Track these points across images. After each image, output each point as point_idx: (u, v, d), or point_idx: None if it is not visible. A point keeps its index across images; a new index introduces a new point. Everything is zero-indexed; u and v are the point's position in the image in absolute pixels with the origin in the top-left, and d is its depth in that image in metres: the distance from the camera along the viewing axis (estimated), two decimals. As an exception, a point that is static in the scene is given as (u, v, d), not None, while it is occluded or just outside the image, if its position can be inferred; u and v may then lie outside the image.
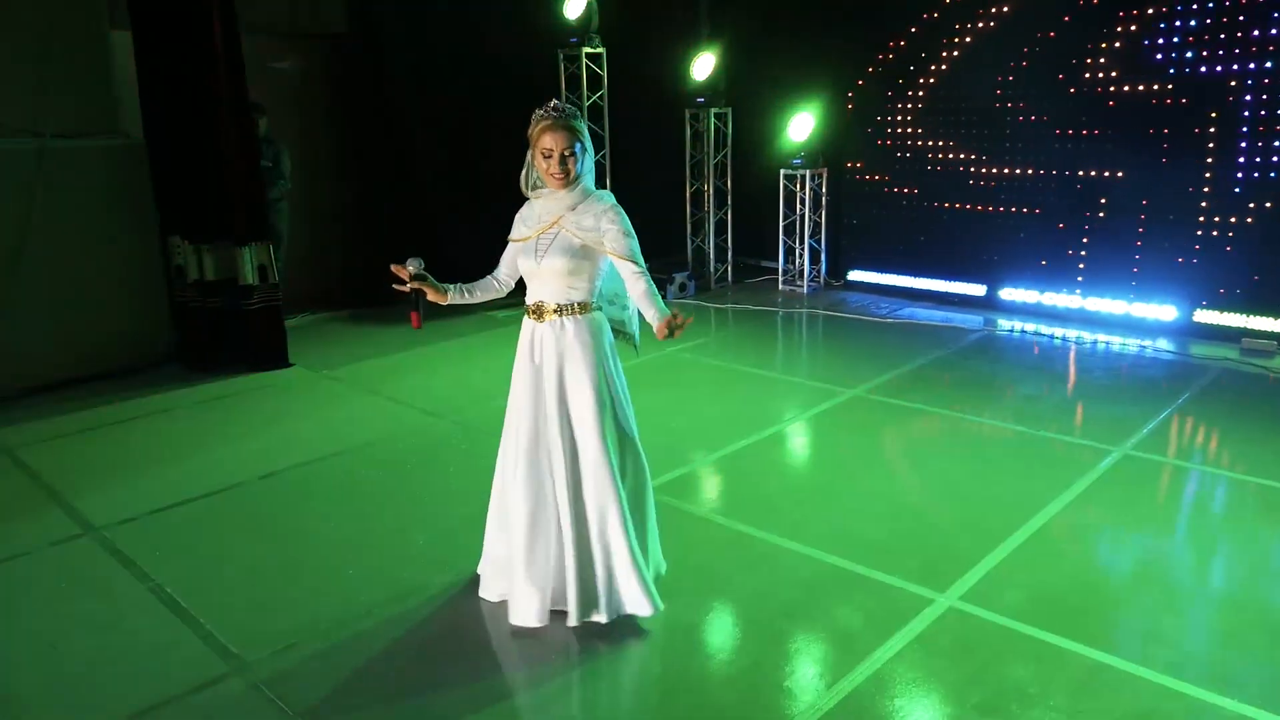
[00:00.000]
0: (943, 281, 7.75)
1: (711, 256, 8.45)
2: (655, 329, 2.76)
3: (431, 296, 3.03)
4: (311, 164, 7.85)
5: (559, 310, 2.94)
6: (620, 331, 3.15)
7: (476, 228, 7.89)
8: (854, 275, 8.29)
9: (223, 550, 3.83)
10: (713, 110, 8.14)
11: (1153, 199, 6.60)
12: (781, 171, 8.08)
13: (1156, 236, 6.64)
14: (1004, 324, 7.06)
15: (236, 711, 2.77)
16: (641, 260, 2.86)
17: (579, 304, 2.94)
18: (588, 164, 2.92)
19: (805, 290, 8.17)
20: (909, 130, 7.77)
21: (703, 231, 8.49)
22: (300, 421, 5.36)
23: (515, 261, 3.04)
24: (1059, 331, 6.83)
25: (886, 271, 8.09)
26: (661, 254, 8.53)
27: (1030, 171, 7.14)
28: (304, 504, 4.26)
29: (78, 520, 4.11)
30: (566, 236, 2.87)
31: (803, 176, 8.00)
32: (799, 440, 5.01)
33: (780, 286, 8.32)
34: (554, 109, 2.83)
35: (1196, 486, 4.25)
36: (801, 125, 7.93)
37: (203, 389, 5.95)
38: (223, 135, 5.93)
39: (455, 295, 3.08)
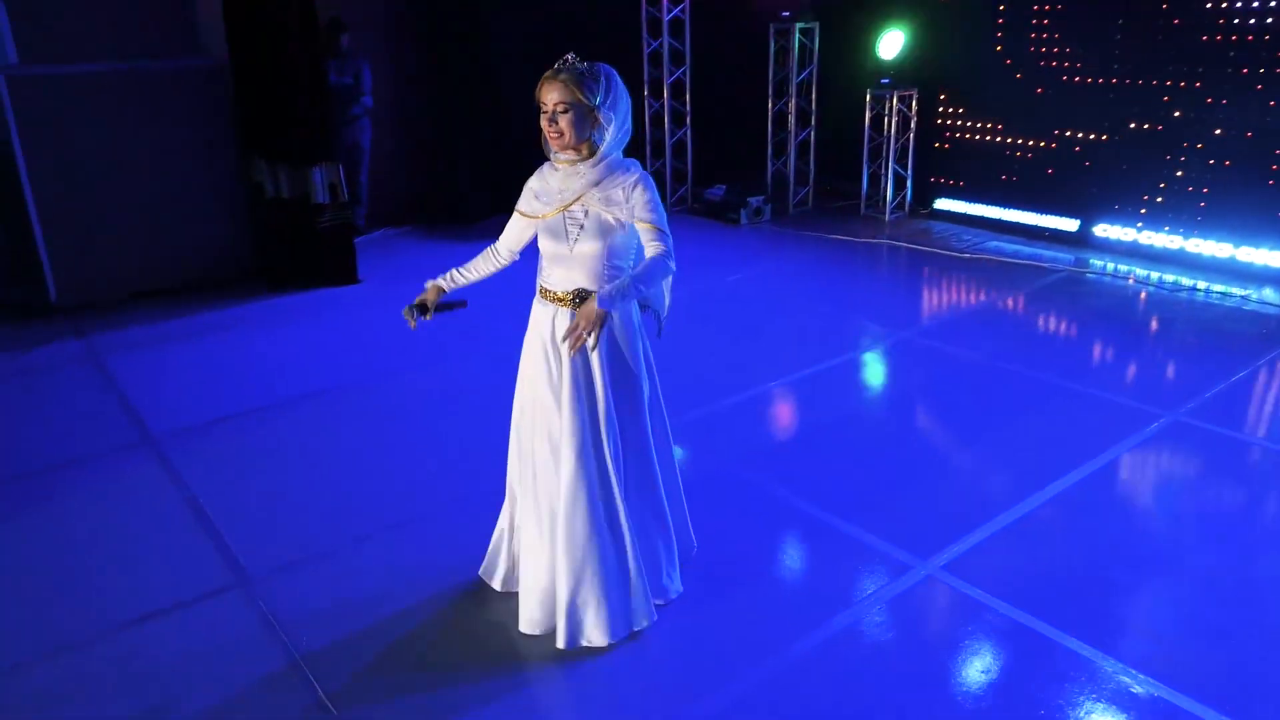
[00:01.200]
0: (1034, 214, 7.29)
1: (792, 180, 8.18)
2: (587, 305, 2.50)
3: (431, 297, 2.85)
4: (396, 80, 7.98)
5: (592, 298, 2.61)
6: (646, 306, 2.90)
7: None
8: (941, 204, 7.88)
9: (262, 465, 4.13)
10: (798, 26, 7.76)
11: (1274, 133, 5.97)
12: (868, 92, 7.68)
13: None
14: (1096, 263, 6.62)
15: (233, 623, 3.04)
16: (666, 227, 2.57)
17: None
18: (611, 135, 2.59)
19: (887, 218, 7.85)
20: (1006, 49, 7.22)
21: (784, 154, 8.21)
22: (362, 338, 5.61)
23: (521, 235, 2.81)
24: (1153, 274, 6.36)
25: (975, 201, 7.66)
26: (741, 177, 8.33)
27: (1140, 95, 6.54)
28: (352, 423, 4.50)
29: (139, 427, 4.50)
30: (599, 215, 2.58)
31: (890, 98, 7.58)
32: (824, 383, 4.87)
33: (862, 213, 8.01)
34: (563, 60, 2.56)
35: (1246, 466, 3.93)
36: (891, 43, 7.48)
37: (275, 303, 6.29)
38: (290, 56, 6.09)
39: (451, 281, 2.88)
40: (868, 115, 7.73)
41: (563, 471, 2.70)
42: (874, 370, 5.10)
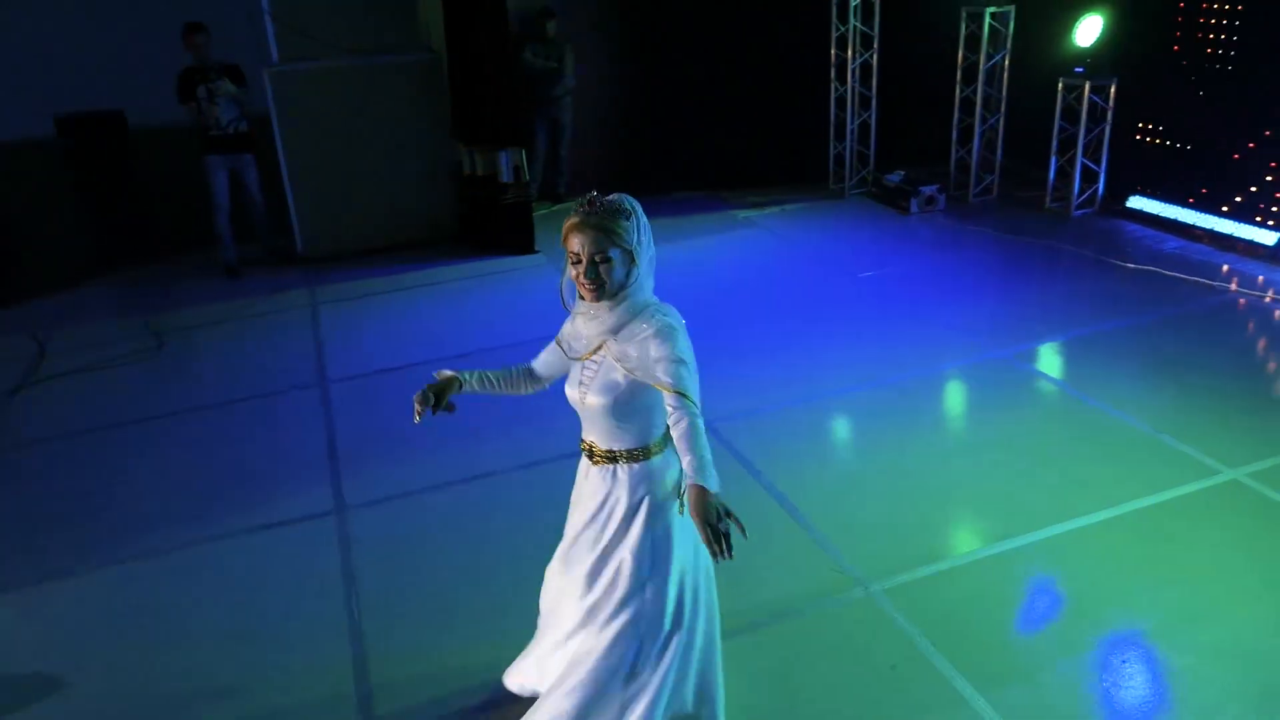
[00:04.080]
0: (1230, 223, 6.66)
1: (974, 169, 7.98)
2: (689, 500, 2.14)
3: (450, 392, 2.62)
4: (596, 62, 8.71)
5: (609, 457, 2.44)
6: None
7: (749, 126, 8.35)
8: (1134, 202, 7.36)
9: (397, 413, 5.13)
10: (989, 10, 7.48)
11: None
12: (1061, 81, 7.29)
13: None
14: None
15: (322, 546, 4.03)
16: (692, 392, 2.24)
17: (631, 450, 2.42)
18: (638, 273, 2.32)
19: (1072, 214, 7.48)
20: (1214, 37, 6.55)
21: (969, 142, 8.01)
22: (521, 305, 6.44)
23: (551, 363, 2.62)
24: (1346, 305, 5.69)
25: (1168, 203, 7.09)
26: (921, 163, 8.25)
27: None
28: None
29: (319, 371, 5.69)
30: (609, 370, 2.35)
31: (1084, 88, 7.16)
32: (865, 404, 4.97)
33: (1048, 205, 7.67)
34: (587, 202, 2.29)
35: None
36: (1089, 29, 7.04)
37: (464, 267, 7.33)
38: (483, 52, 6.99)
39: (472, 385, 2.64)
40: (1059, 105, 7.35)
41: (591, 634, 2.51)
42: (930, 394, 5.17)
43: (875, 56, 8.05)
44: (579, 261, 2.29)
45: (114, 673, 3.36)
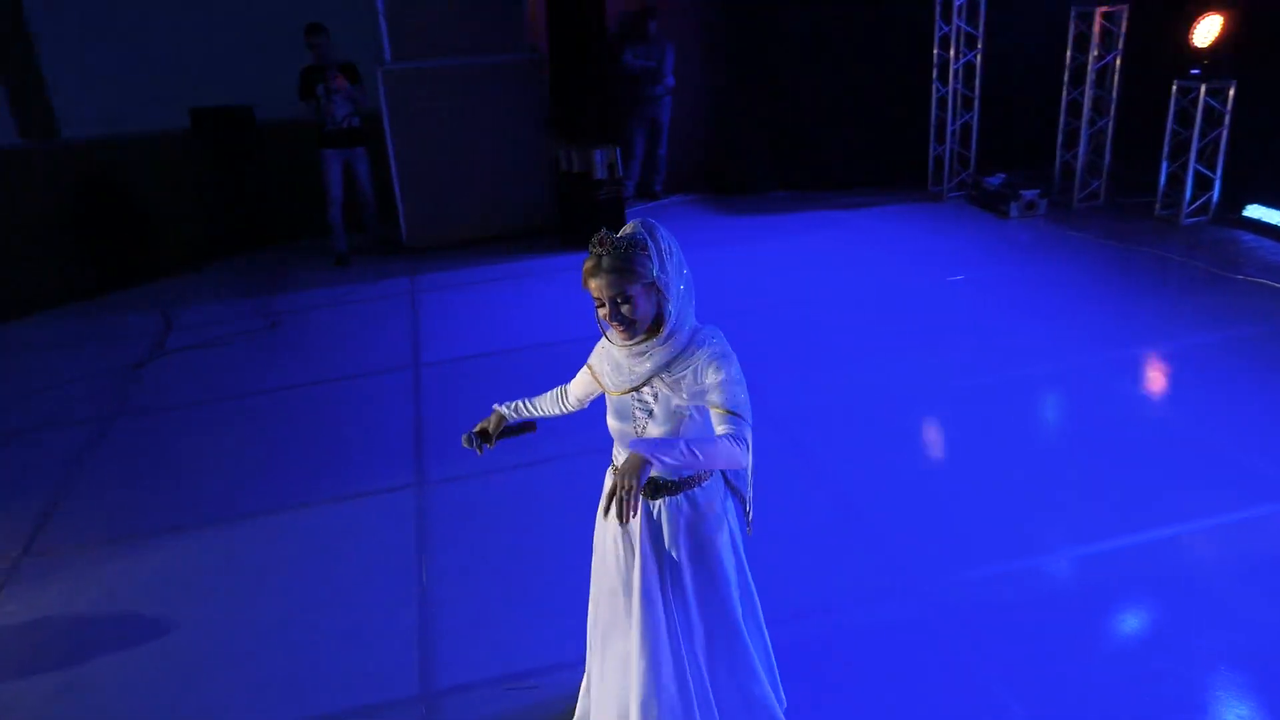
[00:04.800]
0: (1355, 235, 6.28)
1: (1079, 173, 7.73)
2: (629, 458, 2.11)
3: (494, 424, 2.73)
4: (696, 60, 8.82)
5: (671, 488, 2.37)
6: (734, 492, 2.52)
7: (848, 127, 8.33)
8: (1251, 211, 7.00)
9: (481, 397, 5.37)
10: (1099, 10, 7.24)
11: None
12: (1175, 83, 7.00)
13: None
14: None
15: (402, 518, 4.30)
16: (747, 413, 2.22)
17: (693, 477, 2.37)
18: (673, 307, 2.23)
19: (1182, 222, 7.17)
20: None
21: (1075, 145, 7.76)
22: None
23: (590, 389, 2.56)
24: None
25: (1289, 212, 6.73)
26: (1024, 167, 8.04)
27: None
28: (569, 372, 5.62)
29: (413, 354, 6.00)
30: (669, 400, 2.27)
31: (1200, 89, 6.86)
32: (935, 412, 4.97)
33: (1157, 213, 7.38)
34: (598, 242, 2.21)
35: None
36: (1207, 29, 6.73)
37: (557, 260, 7.57)
38: (581, 55, 7.21)
39: (513, 412, 2.72)
40: (1172, 108, 7.06)
41: (635, 677, 2.43)
42: (1009, 398, 5.07)
43: (979, 57, 7.90)
44: (602, 305, 2.22)
45: (204, 622, 3.68)
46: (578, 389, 2.60)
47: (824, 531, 3.89)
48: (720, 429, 2.20)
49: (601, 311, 2.23)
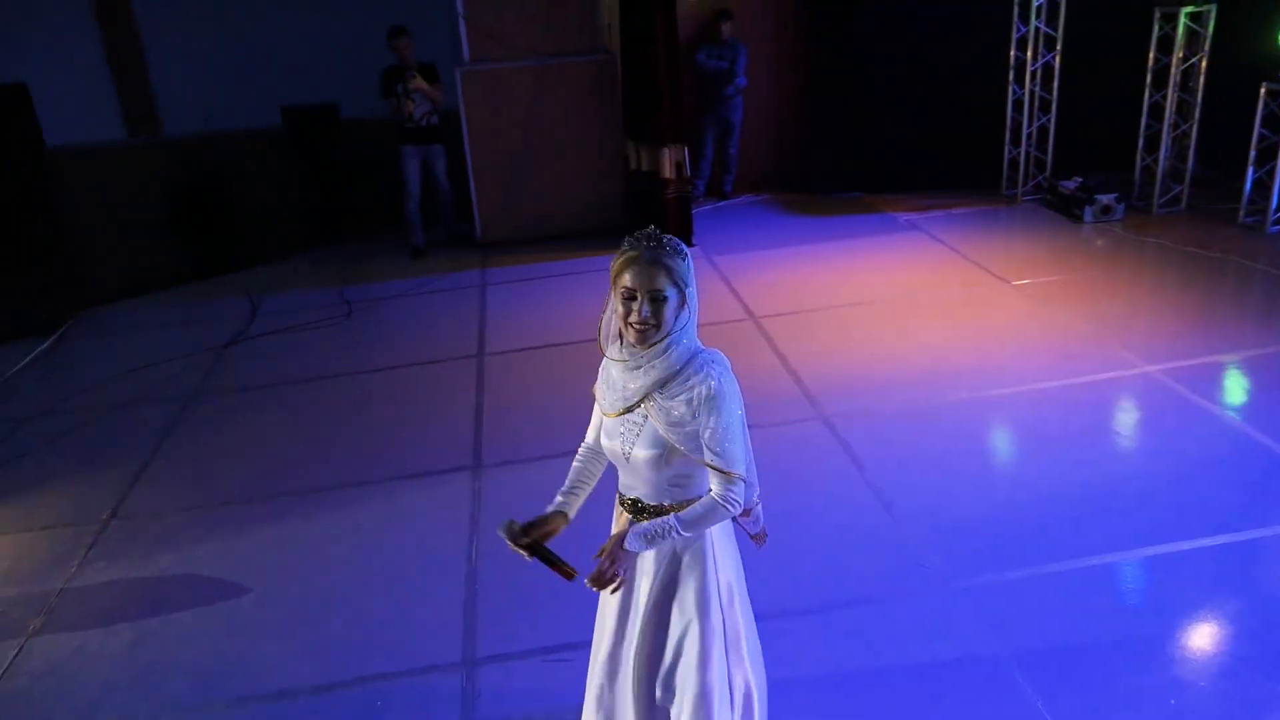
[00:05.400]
0: None
1: (1160, 178, 7.52)
2: (614, 541, 2.18)
3: (541, 533, 2.36)
4: (774, 61, 8.87)
5: (660, 512, 2.23)
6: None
7: (921, 130, 8.28)
8: (1344, 219, 6.73)
9: (533, 385, 5.56)
10: (1184, 10, 7.04)
11: None
12: (1264, 86, 6.76)
13: None
14: None
15: (462, 495, 4.51)
16: (741, 469, 2.14)
17: (689, 501, 2.22)
18: (686, 318, 2.15)
19: (1268, 229, 6.92)
20: None
21: (1156, 150, 7.56)
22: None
23: (598, 418, 2.37)
24: None
25: (1384, 221, 6.44)
26: (1104, 169, 7.85)
27: None
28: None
29: (478, 345, 6.21)
30: (657, 429, 2.15)
31: (1290, 93, 6.62)
32: (987, 415, 4.92)
33: (1241, 219, 7.14)
34: (645, 236, 2.13)
35: None
36: (1299, 30, 6.50)
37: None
38: (653, 56, 7.32)
39: (570, 507, 2.39)
40: (1259, 111, 6.82)
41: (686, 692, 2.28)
42: (1067, 405, 4.99)
43: (1058, 58, 7.76)
44: (632, 298, 2.09)
45: (270, 586, 3.93)
46: (593, 429, 2.41)
47: (873, 531, 3.94)
48: (713, 481, 2.15)
49: (624, 309, 2.11)
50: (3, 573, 4.15)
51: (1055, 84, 7.84)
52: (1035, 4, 7.62)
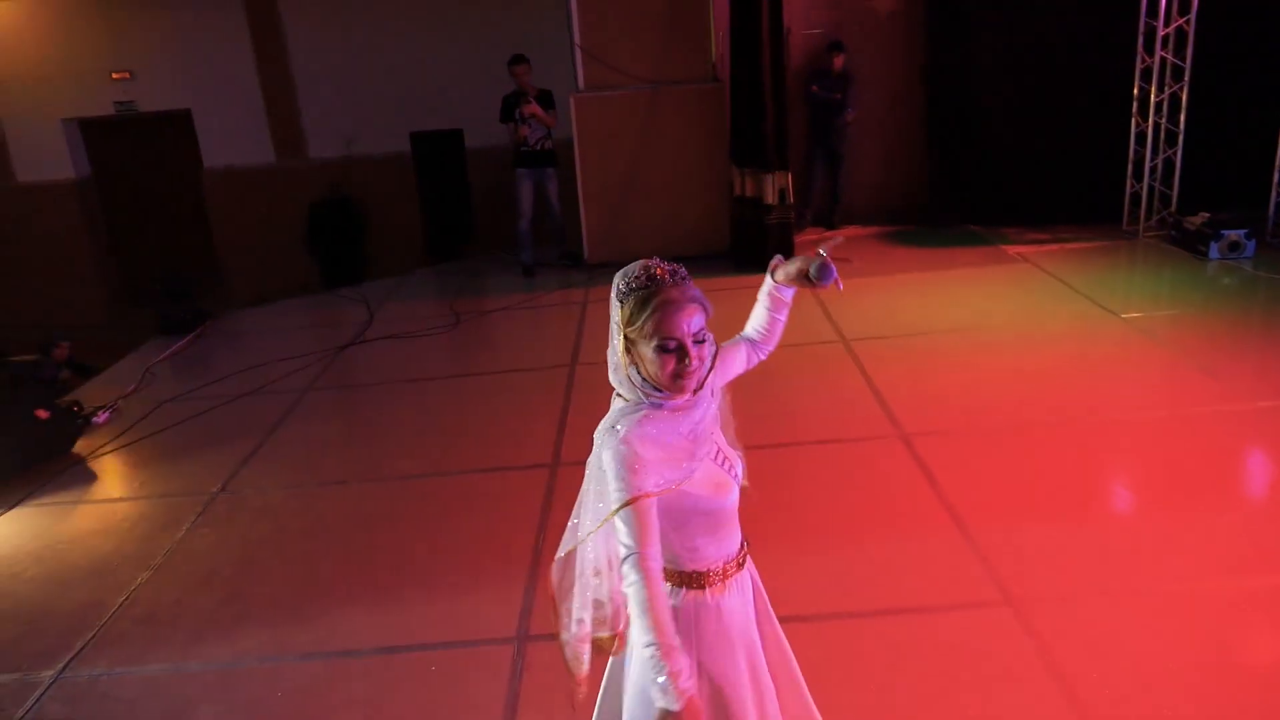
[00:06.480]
0: None
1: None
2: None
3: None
4: (887, 92, 8.86)
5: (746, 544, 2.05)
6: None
7: (1039, 163, 8.12)
8: None
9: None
10: (1325, 38, 6.68)
11: None
12: None
13: None
14: None
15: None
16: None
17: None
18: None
19: None
20: None
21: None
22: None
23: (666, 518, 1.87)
24: None
25: None
26: (1234, 205, 7.47)
27: None
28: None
29: (572, 356, 6.41)
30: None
31: None
32: (1076, 444, 4.71)
33: (1390, 262, 6.66)
34: (671, 272, 1.84)
35: None
36: None
37: (725, 280, 7.78)
38: (760, 86, 7.46)
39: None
40: None
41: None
42: (1163, 438, 4.74)
43: (1185, 90, 7.46)
44: (676, 348, 1.80)
45: (350, 559, 4.18)
46: (648, 533, 1.79)
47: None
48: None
49: (658, 365, 1.81)
50: (122, 532, 4.56)
51: (1182, 117, 7.54)
52: (1160, 35, 7.37)
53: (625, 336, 1.85)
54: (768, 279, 2.16)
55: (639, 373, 1.87)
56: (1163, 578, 3.54)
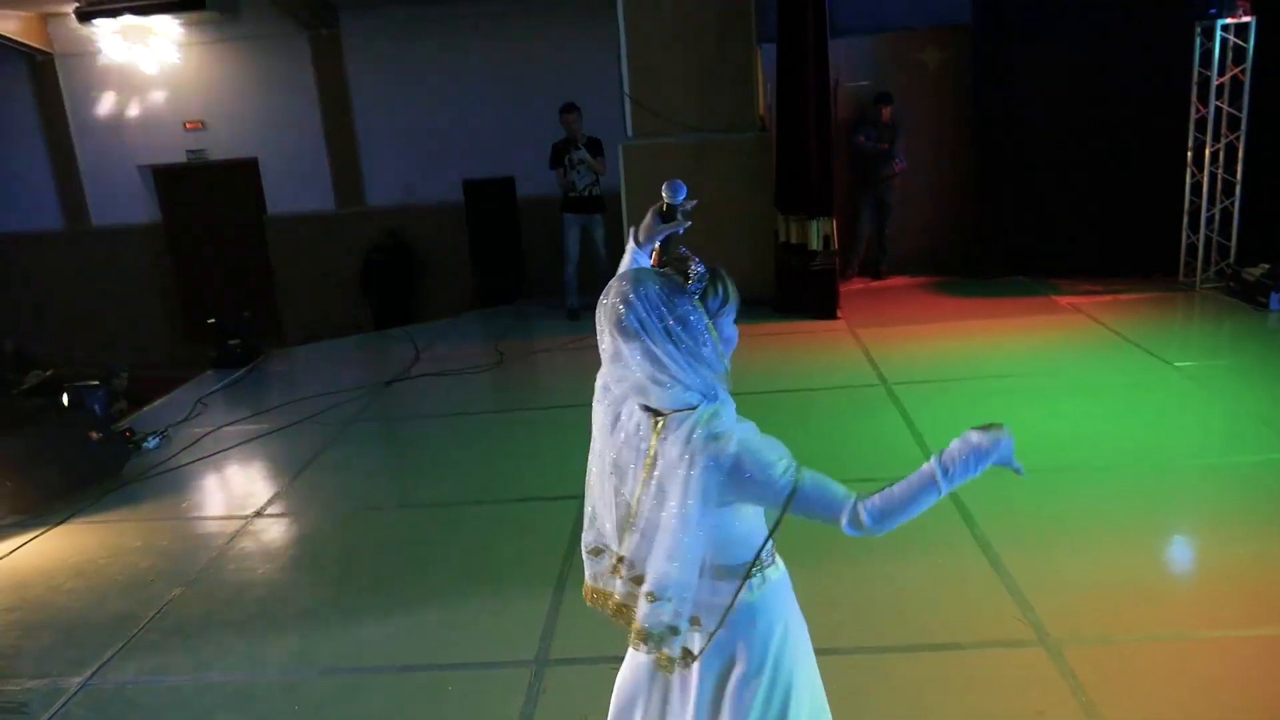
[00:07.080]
0: None
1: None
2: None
3: None
4: (935, 143, 8.87)
5: None
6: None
7: (1090, 214, 8.03)
8: None
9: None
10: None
11: None
12: None
13: None
14: None
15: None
16: None
17: None
18: None
19: None
20: None
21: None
22: (805, 363, 6.78)
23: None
24: None
25: None
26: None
27: None
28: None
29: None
30: None
31: None
32: (1118, 487, 4.54)
33: None
34: (705, 266, 2.04)
35: None
36: None
37: (770, 324, 7.78)
38: (806, 130, 7.53)
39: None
40: None
41: None
42: (1210, 483, 4.54)
43: (1242, 140, 7.33)
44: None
45: (385, 577, 4.22)
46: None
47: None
48: None
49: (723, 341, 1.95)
50: (162, 549, 4.65)
51: (1239, 167, 7.39)
52: (1214, 84, 7.28)
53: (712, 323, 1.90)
54: (631, 257, 2.24)
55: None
56: (1209, 624, 3.39)
